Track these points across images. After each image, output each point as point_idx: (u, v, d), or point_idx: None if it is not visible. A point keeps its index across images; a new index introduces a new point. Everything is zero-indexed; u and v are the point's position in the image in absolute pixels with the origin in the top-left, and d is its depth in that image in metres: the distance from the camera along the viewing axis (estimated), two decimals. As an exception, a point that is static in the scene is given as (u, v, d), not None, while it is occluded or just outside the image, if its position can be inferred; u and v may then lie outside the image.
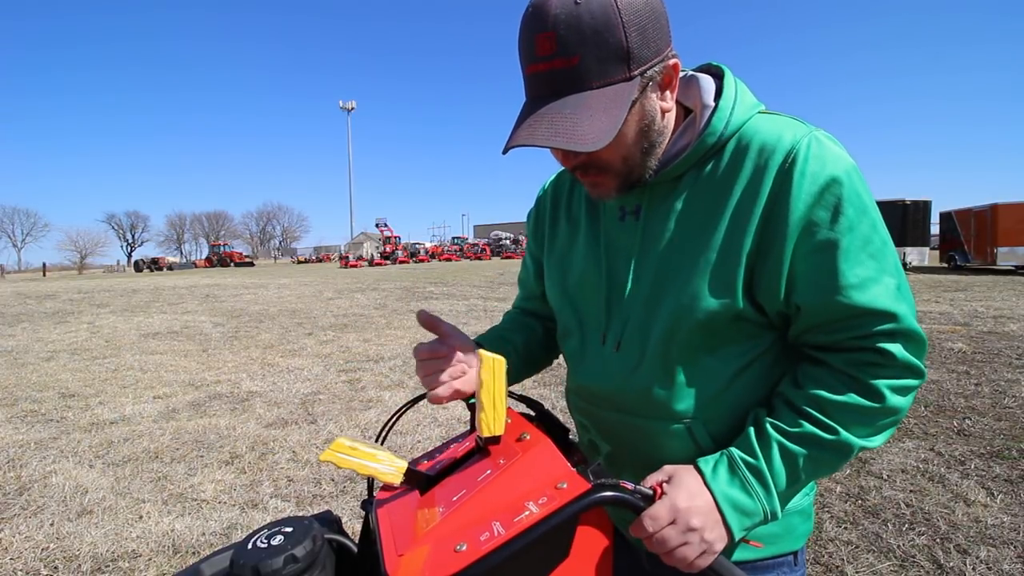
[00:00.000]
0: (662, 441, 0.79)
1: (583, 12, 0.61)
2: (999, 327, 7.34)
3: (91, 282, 28.59)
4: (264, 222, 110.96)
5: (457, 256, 51.85)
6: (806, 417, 0.69)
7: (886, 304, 0.67)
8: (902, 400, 0.69)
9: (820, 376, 0.71)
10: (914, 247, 18.57)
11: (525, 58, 0.67)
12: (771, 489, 0.69)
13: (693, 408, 0.76)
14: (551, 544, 0.61)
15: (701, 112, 0.74)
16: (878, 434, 0.70)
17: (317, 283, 20.45)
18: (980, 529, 2.49)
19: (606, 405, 0.84)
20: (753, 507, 0.68)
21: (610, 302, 0.82)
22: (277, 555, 0.56)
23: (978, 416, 3.94)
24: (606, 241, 0.83)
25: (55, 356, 7.27)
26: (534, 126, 0.65)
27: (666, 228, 0.76)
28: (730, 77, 0.76)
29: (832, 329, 0.70)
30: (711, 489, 0.67)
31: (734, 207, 0.71)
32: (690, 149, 0.73)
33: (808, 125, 0.71)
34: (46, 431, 4.23)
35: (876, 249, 0.68)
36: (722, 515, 0.66)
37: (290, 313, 11.31)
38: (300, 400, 4.92)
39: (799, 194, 0.67)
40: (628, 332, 0.79)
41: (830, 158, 0.67)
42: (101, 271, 69.66)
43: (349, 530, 0.70)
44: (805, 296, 0.69)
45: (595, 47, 0.62)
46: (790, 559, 0.82)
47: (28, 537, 2.66)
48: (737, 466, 0.69)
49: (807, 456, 0.69)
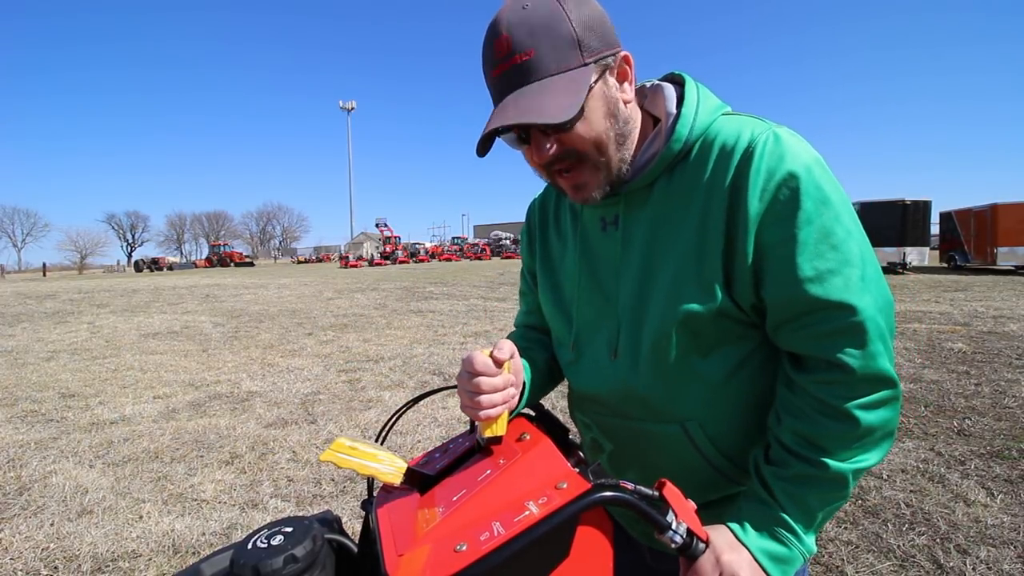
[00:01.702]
0: (661, 443, 0.80)
1: (531, 12, 0.67)
2: (999, 327, 7.34)
3: (91, 282, 28.59)
4: (264, 222, 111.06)
5: (457, 256, 51.84)
6: (794, 455, 0.70)
7: (843, 296, 0.67)
8: (877, 416, 0.68)
9: (793, 406, 0.72)
10: (914, 247, 18.53)
11: (488, 66, 0.71)
12: (799, 533, 0.69)
13: (689, 410, 0.77)
14: (551, 544, 0.61)
15: (667, 120, 0.77)
16: (869, 452, 0.70)
17: (317, 283, 20.45)
18: (980, 529, 2.49)
19: (606, 410, 0.85)
20: (790, 554, 0.69)
21: (601, 312, 0.84)
22: (277, 555, 0.56)
23: (978, 416, 3.94)
24: (591, 253, 0.86)
25: (55, 356, 7.28)
26: (503, 112, 0.68)
27: (643, 235, 0.78)
28: (691, 83, 0.78)
29: (798, 325, 0.70)
30: (746, 545, 0.68)
31: (701, 208, 0.73)
32: (658, 157, 0.75)
33: (767, 123, 0.73)
34: (46, 431, 4.24)
35: (839, 240, 0.67)
36: (763, 568, 0.67)
37: (290, 313, 11.31)
38: (300, 400, 4.92)
39: (755, 189, 0.68)
40: (622, 340, 0.81)
41: (786, 153, 0.68)
42: (101, 271, 69.69)
43: (349, 530, 0.70)
44: (768, 290, 0.71)
45: (547, 39, 0.66)
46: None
47: (28, 537, 2.66)
48: (758, 516, 0.70)
49: (812, 494, 0.69)
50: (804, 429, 0.70)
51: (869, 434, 0.68)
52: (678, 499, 0.65)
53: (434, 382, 5.41)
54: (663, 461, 0.80)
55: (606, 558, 0.68)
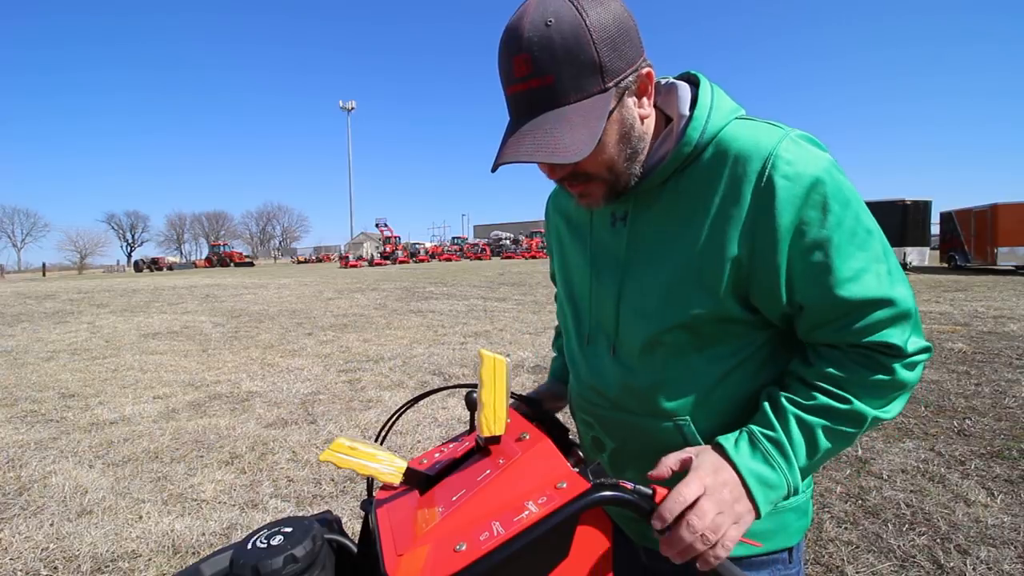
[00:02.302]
0: (657, 437, 0.81)
1: (554, 33, 0.64)
2: (999, 327, 7.35)
3: (91, 282, 28.60)
4: (264, 222, 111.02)
5: (457, 256, 51.78)
6: (819, 390, 0.72)
7: (882, 291, 0.70)
8: (912, 374, 0.72)
9: (831, 356, 0.73)
10: (914, 247, 18.57)
11: (505, 79, 0.70)
12: (792, 461, 0.71)
13: (683, 406, 0.78)
14: (551, 544, 0.61)
15: (679, 121, 0.77)
16: (890, 404, 0.73)
17: (317, 283, 20.45)
18: (980, 529, 2.49)
19: (606, 404, 0.87)
20: (777, 480, 0.70)
21: (603, 306, 0.85)
22: (277, 555, 0.56)
23: (978, 416, 3.94)
24: (600, 247, 0.87)
25: (55, 356, 7.28)
26: (518, 143, 0.68)
27: (650, 233, 0.79)
28: (705, 85, 0.78)
29: (840, 325, 0.72)
30: (735, 464, 0.69)
31: (714, 213, 0.73)
32: (669, 158, 0.75)
33: (784, 128, 0.73)
34: (46, 431, 4.24)
35: (861, 239, 0.70)
36: (747, 489, 0.68)
37: (290, 313, 11.31)
38: (300, 400, 4.92)
39: (786, 198, 0.68)
40: (621, 335, 0.82)
41: (809, 159, 0.69)
42: (101, 271, 69.69)
43: (349, 530, 0.70)
44: (806, 295, 0.71)
45: (568, 65, 0.65)
46: (784, 556, 0.84)
47: (28, 537, 2.66)
48: (758, 440, 0.71)
49: (824, 426, 0.71)
50: (840, 373, 0.72)
51: (899, 388, 0.72)
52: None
53: (434, 382, 5.41)
54: (660, 456, 0.81)
55: (605, 558, 0.68)
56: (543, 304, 11.37)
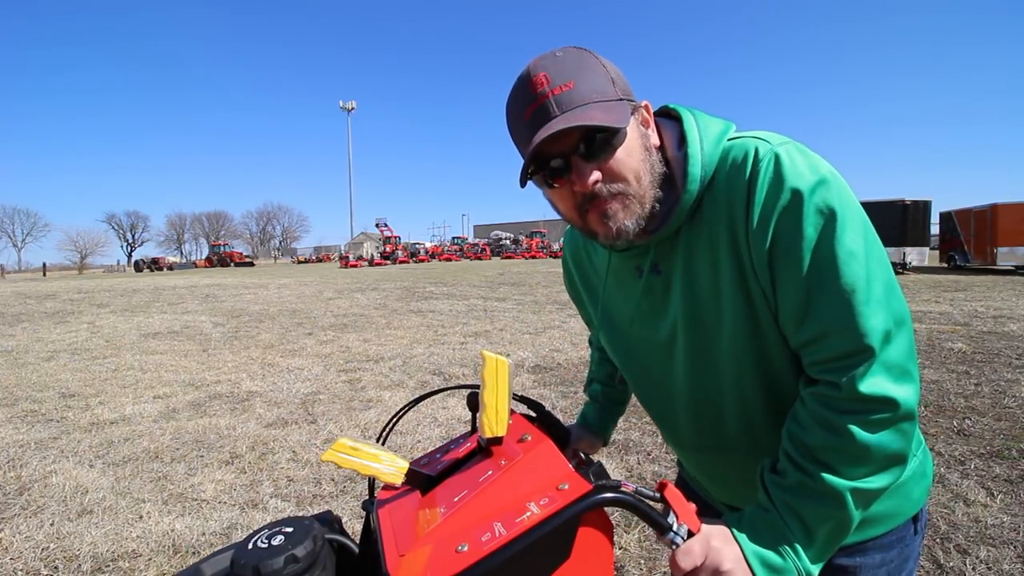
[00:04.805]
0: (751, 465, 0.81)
1: (565, 57, 0.70)
2: (999, 327, 7.34)
3: (91, 282, 28.59)
4: (264, 222, 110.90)
5: (457, 256, 51.75)
6: (794, 465, 0.69)
7: (846, 322, 0.65)
8: (875, 437, 0.65)
9: (798, 416, 0.71)
10: (914, 247, 18.54)
11: (520, 107, 0.70)
12: (795, 545, 0.67)
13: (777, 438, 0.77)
14: (552, 545, 0.61)
15: (676, 164, 0.76)
16: (871, 475, 0.66)
17: (317, 283, 20.45)
18: (980, 529, 2.49)
19: (702, 451, 0.91)
20: (783, 564, 0.67)
21: (672, 367, 0.85)
22: (277, 555, 0.56)
23: (978, 416, 3.94)
24: (637, 303, 0.86)
25: (55, 356, 7.27)
26: (551, 127, 0.66)
27: (686, 283, 0.78)
28: (687, 117, 0.77)
29: (807, 352, 0.70)
30: (739, 543, 0.67)
31: (729, 246, 0.73)
32: (681, 202, 0.74)
33: (770, 143, 0.70)
34: (46, 431, 4.23)
35: (843, 263, 0.65)
36: (751, 569, 0.66)
37: (290, 313, 11.31)
38: (300, 400, 4.92)
39: (760, 214, 0.68)
40: (702, 415, 0.85)
41: (790, 174, 0.67)
42: (101, 271, 69.68)
43: (350, 530, 0.70)
44: (781, 318, 0.72)
45: (585, 74, 0.69)
46: (910, 528, 0.82)
47: (28, 537, 2.66)
48: (758, 522, 0.70)
49: (808, 507, 0.67)
50: (804, 439, 0.69)
51: (866, 453, 0.65)
52: (679, 501, 0.65)
53: (434, 382, 5.41)
54: None
55: (607, 559, 0.68)
56: (543, 304, 11.37)
